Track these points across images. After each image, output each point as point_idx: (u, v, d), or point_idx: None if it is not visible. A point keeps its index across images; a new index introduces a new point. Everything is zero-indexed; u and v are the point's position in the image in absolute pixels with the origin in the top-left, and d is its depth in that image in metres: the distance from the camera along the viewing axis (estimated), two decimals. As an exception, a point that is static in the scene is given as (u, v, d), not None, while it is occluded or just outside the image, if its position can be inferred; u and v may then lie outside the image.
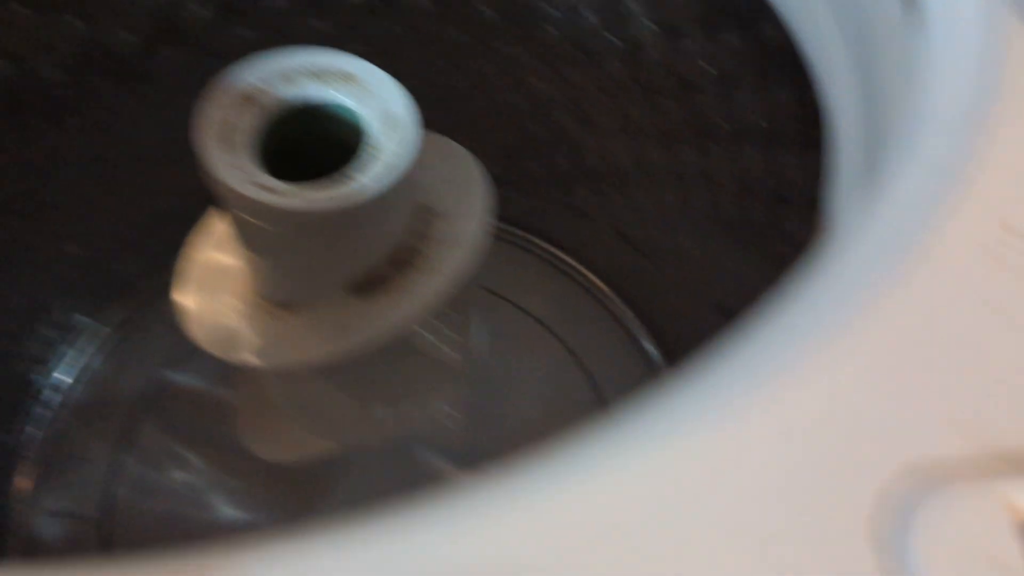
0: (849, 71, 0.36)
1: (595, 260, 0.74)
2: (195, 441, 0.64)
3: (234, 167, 0.35)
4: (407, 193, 0.39)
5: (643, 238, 0.69)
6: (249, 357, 0.41)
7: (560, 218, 0.73)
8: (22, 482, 0.63)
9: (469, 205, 0.42)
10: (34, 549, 0.62)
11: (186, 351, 0.63)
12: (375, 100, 0.37)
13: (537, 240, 0.74)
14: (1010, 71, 0.24)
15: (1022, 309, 0.20)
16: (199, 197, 0.73)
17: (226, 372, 0.62)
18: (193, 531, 0.61)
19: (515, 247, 0.73)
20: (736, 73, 0.50)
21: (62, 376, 0.66)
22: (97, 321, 0.69)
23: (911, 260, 0.21)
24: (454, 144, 0.44)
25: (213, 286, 0.43)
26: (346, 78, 0.38)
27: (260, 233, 0.37)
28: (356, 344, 0.39)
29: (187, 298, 0.43)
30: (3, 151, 0.55)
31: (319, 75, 0.38)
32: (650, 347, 0.71)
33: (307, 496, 0.59)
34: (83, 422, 0.65)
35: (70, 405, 0.65)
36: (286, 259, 0.39)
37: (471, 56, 0.63)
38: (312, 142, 0.39)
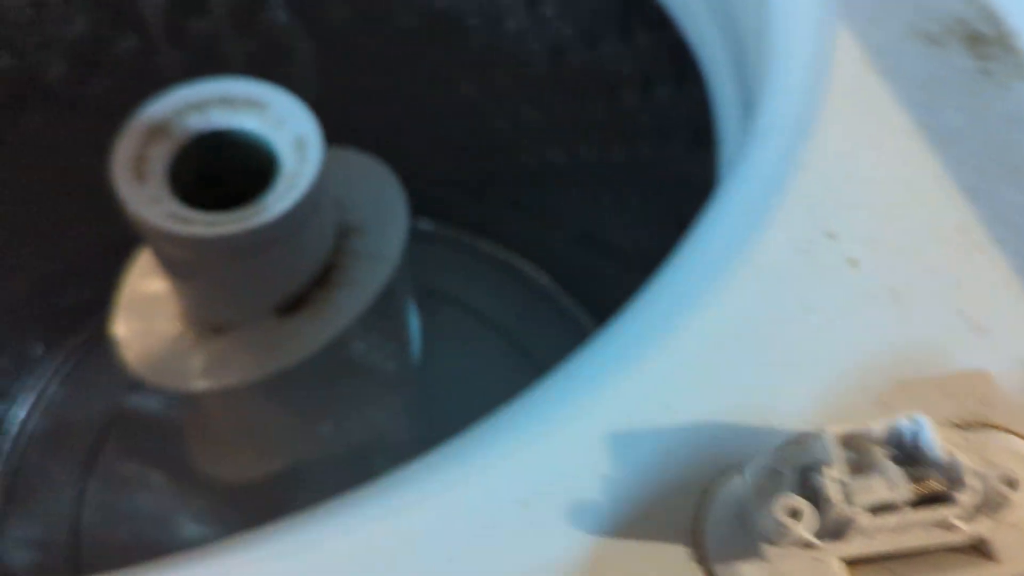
0: (727, 68, 0.38)
1: (539, 257, 0.76)
2: (156, 463, 0.65)
3: (148, 199, 0.36)
4: (322, 212, 0.40)
5: (584, 233, 0.70)
6: (182, 383, 0.42)
7: (504, 218, 0.74)
8: (-10, 512, 0.64)
9: (388, 219, 0.43)
10: (4, 578, 0.64)
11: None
12: (285, 125, 0.38)
13: (481, 239, 0.75)
14: (835, 76, 0.25)
15: (827, 304, 0.22)
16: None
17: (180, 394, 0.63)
18: (160, 553, 0.62)
19: (466, 251, 0.74)
20: (653, 72, 0.51)
21: (22, 406, 0.67)
22: (53, 350, 0.70)
23: (736, 265, 0.22)
24: (373, 160, 0.45)
25: (146, 315, 0.44)
26: (256, 105, 0.39)
27: (181, 261, 0.39)
28: (284, 364, 0.40)
29: (121, 328, 0.44)
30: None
31: (230, 103, 0.39)
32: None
33: (269, 510, 0.60)
34: (46, 451, 0.66)
35: (32, 434, 0.66)
36: (209, 284, 0.40)
37: (398, 65, 0.64)
38: (229, 169, 0.40)
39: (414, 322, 0.52)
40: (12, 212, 0.62)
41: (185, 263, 0.39)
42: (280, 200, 0.37)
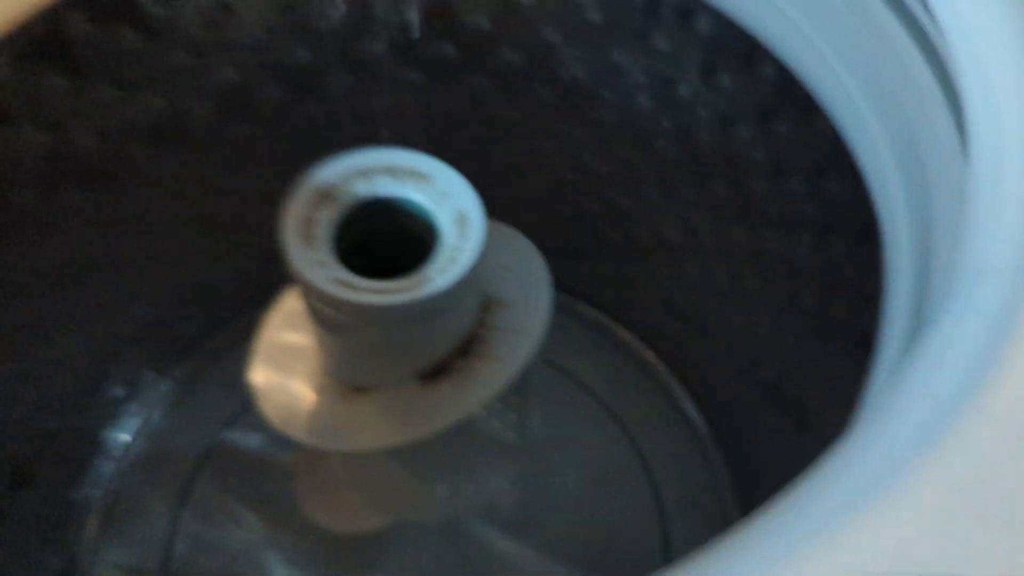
0: (899, 182, 0.38)
1: (644, 330, 0.76)
2: (251, 500, 0.66)
3: (314, 262, 0.38)
4: (475, 287, 0.41)
5: (692, 312, 0.70)
6: (318, 439, 0.43)
7: (612, 288, 0.75)
8: (88, 536, 0.65)
9: (532, 295, 0.44)
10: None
11: (245, 410, 0.65)
12: (447, 199, 0.39)
13: (588, 308, 0.76)
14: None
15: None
16: (260, 260, 0.76)
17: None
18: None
19: (566, 314, 0.75)
20: (787, 162, 0.52)
21: (127, 432, 0.69)
22: (161, 378, 0.72)
23: (968, 411, 0.22)
24: (518, 234, 0.46)
25: (284, 367, 0.45)
26: (420, 177, 0.40)
27: (337, 322, 0.39)
28: (422, 433, 0.41)
29: (259, 376, 0.45)
30: (80, 214, 0.58)
31: (394, 173, 0.41)
32: (695, 416, 0.72)
33: (361, 560, 0.60)
34: (145, 477, 0.68)
35: (133, 460, 0.68)
36: (360, 346, 0.41)
37: (529, 134, 0.65)
38: (387, 235, 0.41)
39: (534, 394, 0.52)
40: (137, 244, 0.64)
41: (340, 325, 0.40)
42: (442, 274, 0.38)
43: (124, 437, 0.69)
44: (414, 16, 0.56)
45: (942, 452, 0.22)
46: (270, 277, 0.75)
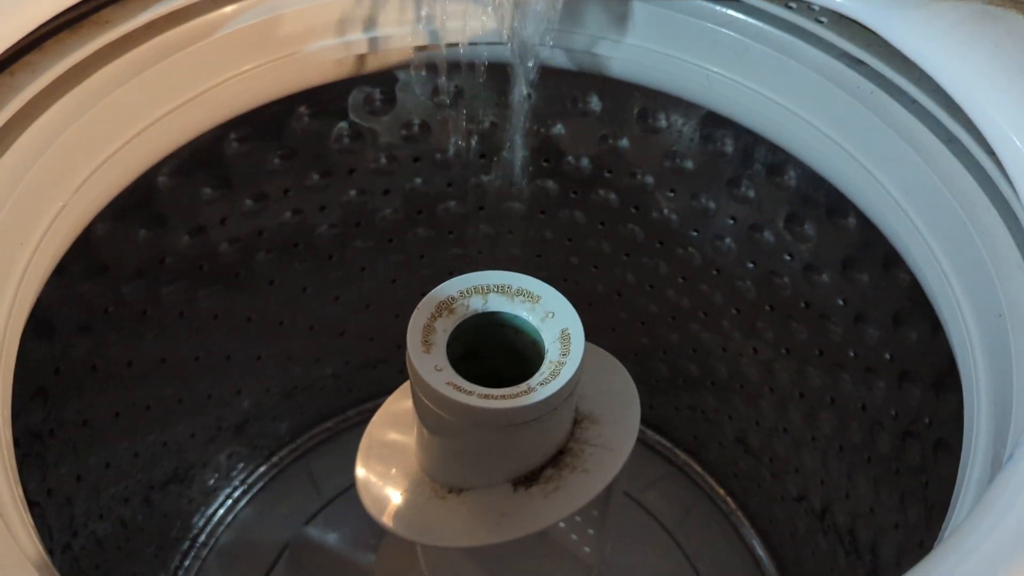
0: (977, 335, 0.40)
1: (714, 463, 0.77)
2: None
3: (432, 367, 0.41)
4: (571, 401, 0.44)
5: (764, 449, 0.72)
6: (409, 531, 0.45)
7: (684, 420, 0.77)
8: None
9: (622, 415, 0.47)
10: None
11: (325, 508, 0.68)
12: (553, 318, 0.43)
13: (662, 438, 0.78)
14: None
15: None
16: (355, 366, 0.80)
17: (365, 536, 0.66)
18: None
19: (640, 443, 0.77)
20: (867, 309, 0.54)
21: (213, 519, 0.72)
22: (249, 471, 0.76)
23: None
24: (612, 358, 0.50)
25: (386, 460, 0.48)
26: (530, 297, 0.44)
27: (444, 423, 0.43)
28: (509, 535, 0.43)
29: (362, 468, 0.48)
30: (209, 310, 0.63)
31: (507, 292, 0.44)
32: (763, 556, 0.72)
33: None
34: (225, 564, 0.70)
35: (218, 548, 0.71)
36: (460, 449, 0.44)
37: (617, 265, 0.70)
38: (494, 347, 0.44)
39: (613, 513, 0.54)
40: (252, 341, 0.69)
41: (446, 426, 0.43)
42: (545, 386, 0.41)
43: (210, 525, 0.72)
44: (523, 155, 0.62)
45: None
46: (361, 382, 0.80)
